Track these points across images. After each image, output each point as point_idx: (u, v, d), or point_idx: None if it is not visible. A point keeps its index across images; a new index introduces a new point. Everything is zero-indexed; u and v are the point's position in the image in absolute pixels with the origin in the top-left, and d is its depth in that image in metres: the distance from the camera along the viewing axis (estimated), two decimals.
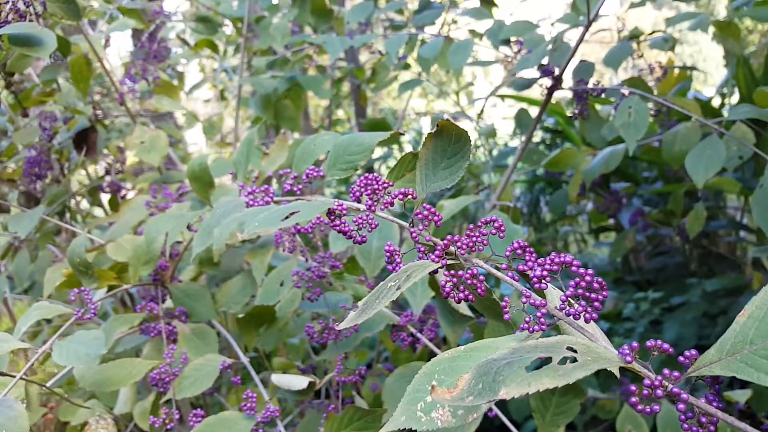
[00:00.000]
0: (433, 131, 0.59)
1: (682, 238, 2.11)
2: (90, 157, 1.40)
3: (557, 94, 1.24)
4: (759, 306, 0.37)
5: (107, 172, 1.57)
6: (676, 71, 2.02)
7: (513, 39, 1.25)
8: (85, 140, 1.40)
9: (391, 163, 3.67)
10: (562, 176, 2.65)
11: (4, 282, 1.51)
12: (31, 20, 1.05)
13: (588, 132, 1.24)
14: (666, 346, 0.38)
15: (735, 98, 2.54)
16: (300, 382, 0.77)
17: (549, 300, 0.50)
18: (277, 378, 0.82)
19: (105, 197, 1.71)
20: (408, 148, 4.38)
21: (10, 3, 1.01)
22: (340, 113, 3.94)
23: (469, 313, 0.95)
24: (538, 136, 3.48)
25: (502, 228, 0.55)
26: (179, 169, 1.72)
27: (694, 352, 0.37)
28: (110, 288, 0.99)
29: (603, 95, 1.17)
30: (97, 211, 1.94)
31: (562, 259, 0.46)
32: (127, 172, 1.84)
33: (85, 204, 1.94)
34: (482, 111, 1.50)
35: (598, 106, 1.46)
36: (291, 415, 1.20)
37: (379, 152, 3.29)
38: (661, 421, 1.43)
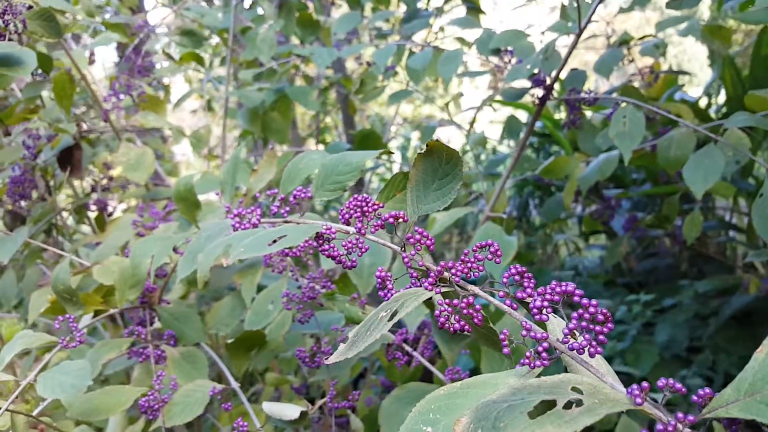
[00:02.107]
0: (422, 151, 0.57)
1: (676, 242, 2.11)
2: (75, 176, 1.37)
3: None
4: None
5: (93, 189, 1.54)
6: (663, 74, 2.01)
7: (503, 48, 1.23)
8: (69, 158, 1.37)
9: (382, 170, 3.64)
10: (552, 180, 2.64)
11: None
12: (11, 39, 1.03)
13: (581, 141, 1.23)
14: (678, 385, 0.36)
15: (722, 98, 2.55)
16: (292, 411, 0.75)
17: (551, 331, 0.48)
18: (268, 406, 0.79)
19: (93, 214, 1.67)
20: (396, 155, 4.36)
21: None
22: (327, 120, 3.91)
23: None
24: None
25: (499, 253, 0.53)
26: (167, 183, 1.69)
27: (708, 390, 0.36)
28: (97, 313, 0.97)
29: (596, 104, 1.15)
30: (85, 228, 1.91)
31: (563, 288, 0.44)
32: (114, 186, 1.81)
33: (72, 220, 1.91)
34: (474, 120, 1.48)
35: (588, 113, 1.45)
36: None
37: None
38: None
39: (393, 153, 0.73)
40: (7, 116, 1.55)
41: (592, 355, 0.42)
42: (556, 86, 1.21)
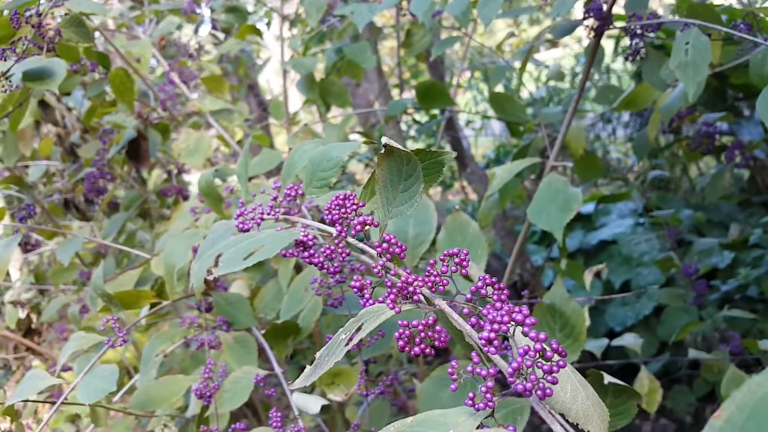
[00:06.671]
0: (382, 152, 0.51)
1: None
2: (143, 166, 1.44)
3: None
4: (740, 407, 0.27)
5: (169, 175, 1.61)
6: None
7: None
8: (137, 149, 1.43)
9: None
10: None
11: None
12: (50, 49, 1.07)
13: (646, 74, 1.06)
14: None
15: None
16: (315, 404, 0.75)
17: (516, 354, 0.41)
18: (296, 398, 0.80)
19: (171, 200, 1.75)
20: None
21: (24, 37, 1.02)
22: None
23: None
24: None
25: (465, 264, 0.46)
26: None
27: None
28: (153, 305, 1.02)
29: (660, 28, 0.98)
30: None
31: (513, 316, 0.38)
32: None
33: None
34: (525, 65, 1.34)
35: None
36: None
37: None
38: None
39: (375, 143, 0.67)
40: (90, 115, 1.64)
41: (541, 398, 0.35)
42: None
